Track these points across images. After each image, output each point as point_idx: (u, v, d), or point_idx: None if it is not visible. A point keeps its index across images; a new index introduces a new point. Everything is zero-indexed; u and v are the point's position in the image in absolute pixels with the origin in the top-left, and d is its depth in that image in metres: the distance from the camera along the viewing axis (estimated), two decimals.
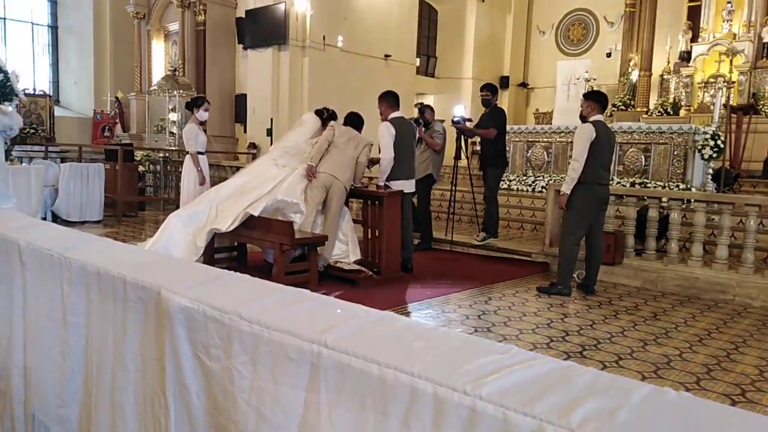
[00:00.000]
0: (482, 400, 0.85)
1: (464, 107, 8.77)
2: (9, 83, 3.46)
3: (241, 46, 13.46)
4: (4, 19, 15.37)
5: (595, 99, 5.28)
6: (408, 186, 5.93)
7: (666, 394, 0.82)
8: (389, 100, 5.97)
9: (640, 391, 0.82)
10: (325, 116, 6.12)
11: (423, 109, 7.61)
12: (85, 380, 1.77)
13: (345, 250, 5.71)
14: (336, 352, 1.05)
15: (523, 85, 18.13)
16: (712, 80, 12.98)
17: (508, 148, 9.70)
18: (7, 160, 4.90)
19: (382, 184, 5.83)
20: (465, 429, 0.86)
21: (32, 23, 15.88)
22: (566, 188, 5.14)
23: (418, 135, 6.65)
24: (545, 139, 9.66)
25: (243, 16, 13.20)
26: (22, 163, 9.01)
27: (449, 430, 0.88)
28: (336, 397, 1.03)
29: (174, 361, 1.41)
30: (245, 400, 1.20)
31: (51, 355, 1.82)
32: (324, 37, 12.41)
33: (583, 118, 5.27)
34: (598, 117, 5.18)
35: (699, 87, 13.32)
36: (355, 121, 5.94)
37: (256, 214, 5.17)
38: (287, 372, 1.12)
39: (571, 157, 5.37)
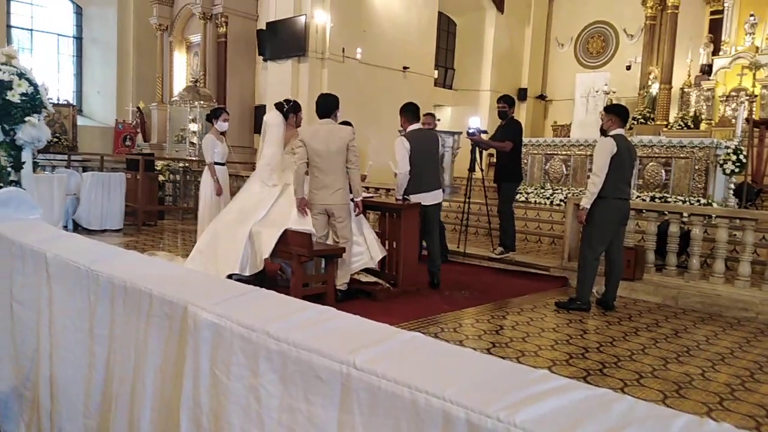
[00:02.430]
0: (516, 428, 0.84)
1: (480, 119, 8.76)
2: (38, 96, 3.53)
3: (261, 57, 13.61)
4: (31, 30, 15.72)
5: (615, 112, 5.25)
6: (429, 198, 5.82)
7: (706, 425, 0.80)
8: (408, 113, 5.92)
9: (679, 421, 0.80)
10: (286, 110, 5.70)
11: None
12: (105, 393, 1.79)
13: (362, 251, 5.53)
14: (366, 374, 1.05)
15: (542, 97, 18.09)
16: (734, 94, 12.83)
17: (525, 161, 9.68)
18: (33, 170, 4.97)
19: (399, 197, 5.75)
20: None
21: (58, 34, 16.22)
22: (586, 203, 5.09)
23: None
24: (564, 152, 9.61)
25: (264, 28, 13.35)
26: (45, 171, 9.16)
27: None
28: (370, 419, 1.02)
29: (193, 379, 1.41)
30: (275, 419, 1.20)
31: (79, 366, 1.84)
32: (343, 49, 12.51)
33: (604, 132, 5.24)
34: (619, 131, 5.14)
35: (720, 101, 13.17)
36: (326, 105, 5.16)
37: (267, 256, 5.02)
38: (318, 392, 1.11)
39: (590, 170, 5.33)
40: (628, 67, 15.27)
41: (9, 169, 3.41)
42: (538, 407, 0.87)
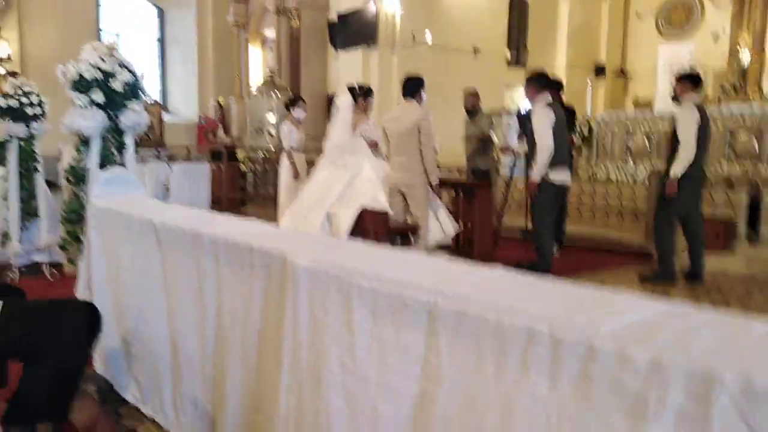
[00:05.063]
0: (599, 337, 0.89)
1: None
2: (138, 84, 3.85)
3: (332, 48, 13.88)
4: (118, 35, 16.77)
5: (689, 79, 5.03)
6: (567, 177, 5.26)
7: None
8: (538, 83, 5.24)
9: (760, 327, 0.83)
10: (357, 93, 5.75)
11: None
12: (217, 341, 1.97)
13: (436, 228, 5.45)
14: (453, 300, 1.13)
15: (621, 72, 17.33)
16: None
17: (605, 137, 9.39)
18: None
19: (537, 178, 5.03)
20: (582, 365, 0.91)
21: (143, 37, 17.22)
22: (678, 170, 4.85)
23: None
24: (646, 126, 9.23)
25: (335, 19, 13.59)
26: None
27: (567, 367, 0.93)
28: (455, 339, 1.10)
29: (293, 319, 1.54)
30: (366, 349, 1.30)
31: (193, 320, 2.04)
32: (413, 35, 12.53)
33: (676, 99, 5.04)
34: (694, 97, 4.93)
35: None
36: (409, 86, 5.17)
37: (345, 236, 5.04)
38: (407, 321, 1.21)
39: (673, 141, 5.09)
40: (716, 37, 14.34)
41: (114, 151, 3.76)
42: (620, 319, 0.92)
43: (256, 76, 15.49)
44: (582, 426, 0.90)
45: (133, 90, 3.80)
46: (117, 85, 3.66)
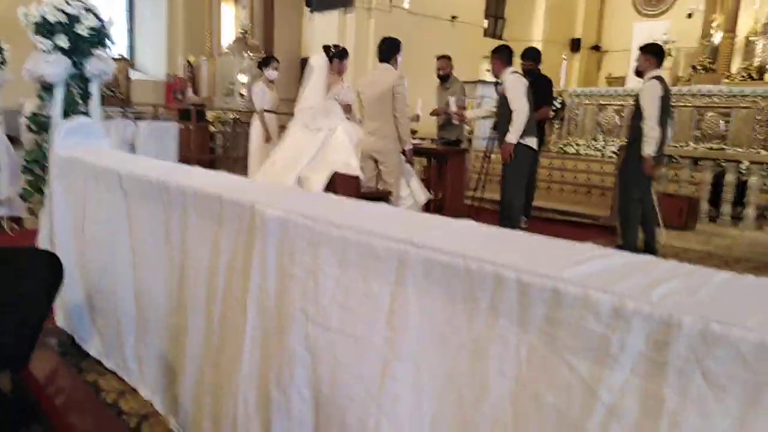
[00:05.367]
0: (564, 282, 0.91)
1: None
2: (105, 30, 3.70)
3: (308, 8, 13.56)
4: None
5: (653, 52, 5.00)
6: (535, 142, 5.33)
7: (746, 278, 0.85)
8: (504, 56, 5.31)
9: (720, 275, 0.86)
10: (332, 54, 5.63)
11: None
12: (182, 292, 1.95)
13: (407, 195, 5.48)
14: (423, 249, 1.13)
15: (596, 48, 17.42)
16: None
17: (577, 112, 9.47)
18: None
19: (514, 140, 5.05)
20: (548, 309, 0.93)
21: None
22: (650, 150, 4.87)
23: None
24: (617, 102, 9.34)
25: None
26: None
27: (533, 311, 0.95)
28: (424, 288, 1.11)
29: (260, 269, 1.52)
30: (329, 297, 1.30)
31: (159, 271, 2.00)
32: None
33: (639, 73, 5.04)
34: (657, 72, 4.94)
35: None
36: (386, 49, 5.11)
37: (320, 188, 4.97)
38: (375, 269, 1.21)
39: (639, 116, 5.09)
40: (690, 16, 14.49)
41: (78, 99, 3.63)
42: (584, 267, 0.94)
43: (227, 35, 15.04)
44: (548, 368, 0.92)
45: (100, 36, 3.65)
46: (82, 30, 3.51)
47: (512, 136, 5.04)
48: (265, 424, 1.46)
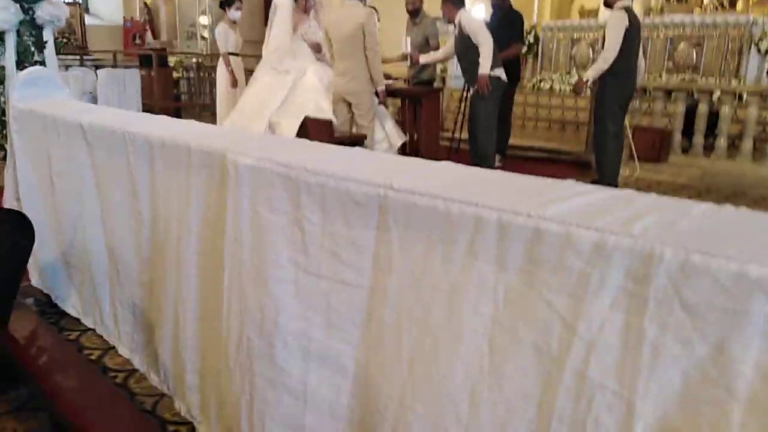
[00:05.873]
0: (545, 220, 0.90)
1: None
2: None
3: None
4: None
5: None
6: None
7: (725, 209, 0.86)
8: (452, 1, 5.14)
9: (700, 207, 0.86)
10: None
11: None
12: (153, 246, 1.91)
13: (382, 138, 5.40)
14: (402, 194, 1.11)
15: None
16: None
17: (550, 46, 9.34)
18: None
19: (487, 70, 4.90)
20: (528, 248, 0.93)
21: None
22: (591, 75, 4.84)
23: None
24: (591, 35, 9.22)
25: None
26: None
27: (513, 251, 0.94)
28: (405, 233, 1.10)
29: (233, 218, 1.48)
30: (318, 245, 1.29)
31: (128, 225, 1.96)
32: None
33: (609, 4, 4.96)
34: (626, 2, 4.85)
35: None
36: None
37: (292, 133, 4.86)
38: (357, 215, 1.19)
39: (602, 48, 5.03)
40: None
41: (32, 48, 3.43)
42: (566, 204, 0.93)
43: None
44: (525, 307, 0.93)
45: None
46: None
47: (485, 67, 4.91)
48: (249, 374, 1.47)
